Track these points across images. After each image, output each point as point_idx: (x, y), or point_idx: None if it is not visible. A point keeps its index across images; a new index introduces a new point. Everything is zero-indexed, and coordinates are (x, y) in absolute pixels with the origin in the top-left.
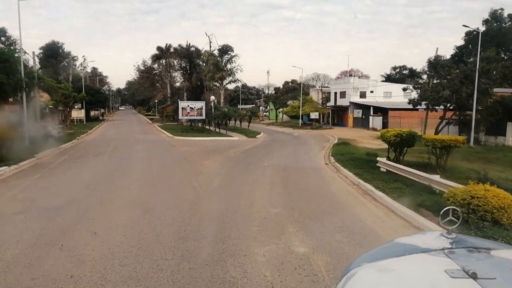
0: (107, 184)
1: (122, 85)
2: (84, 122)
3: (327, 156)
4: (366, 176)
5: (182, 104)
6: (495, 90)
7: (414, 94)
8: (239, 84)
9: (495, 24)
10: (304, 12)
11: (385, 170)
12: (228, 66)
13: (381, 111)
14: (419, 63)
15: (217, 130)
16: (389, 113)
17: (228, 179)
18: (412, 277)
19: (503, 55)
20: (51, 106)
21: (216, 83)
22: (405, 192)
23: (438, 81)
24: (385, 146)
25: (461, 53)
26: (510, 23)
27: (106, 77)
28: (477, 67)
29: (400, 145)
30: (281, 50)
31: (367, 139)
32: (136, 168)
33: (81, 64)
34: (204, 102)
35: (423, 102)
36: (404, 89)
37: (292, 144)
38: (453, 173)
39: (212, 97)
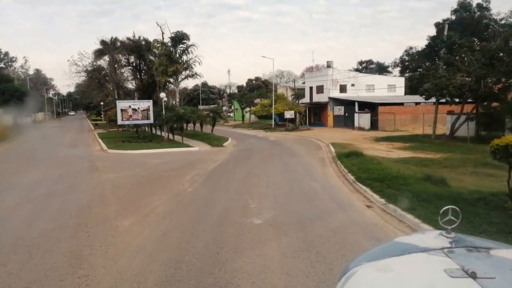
0: None
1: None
2: None
3: (346, 180)
4: None
5: (122, 104)
6: None
7: (400, 87)
8: (199, 82)
9: (464, 14)
10: (260, 13)
11: None
12: (184, 57)
13: (368, 107)
14: (380, 60)
15: (171, 137)
16: (379, 109)
17: None
18: (411, 277)
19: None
20: None
21: (170, 79)
22: None
23: (448, 67)
24: (407, 153)
25: (434, 44)
26: (479, 12)
27: (51, 79)
28: None
29: None
30: (240, 50)
31: (365, 143)
32: None
33: (21, 66)
34: (151, 101)
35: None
36: (412, 80)
37: (276, 156)
38: None
39: (162, 94)
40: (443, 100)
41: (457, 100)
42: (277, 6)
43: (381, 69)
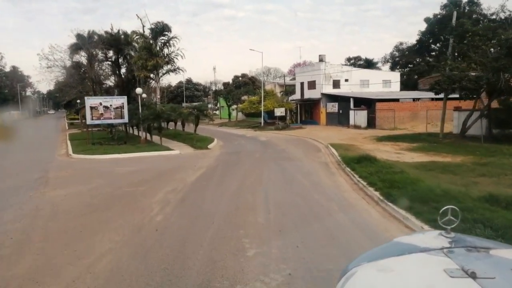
0: None
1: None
2: None
3: (368, 196)
4: None
5: (91, 101)
6: None
7: (395, 82)
8: (183, 79)
9: (454, 10)
10: (245, 11)
11: None
12: (165, 51)
13: (363, 103)
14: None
15: (149, 138)
16: (377, 106)
17: None
18: (411, 277)
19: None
20: None
21: (150, 74)
22: None
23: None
24: (421, 156)
25: (425, 39)
26: (468, 7)
27: (28, 76)
28: None
29: None
30: (226, 49)
31: (367, 143)
32: None
33: None
34: (125, 97)
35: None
36: (414, 73)
37: (270, 161)
38: None
39: (139, 90)
40: (455, 96)
41: (468, 94)
42: (262, 5)
43: (370, 65)
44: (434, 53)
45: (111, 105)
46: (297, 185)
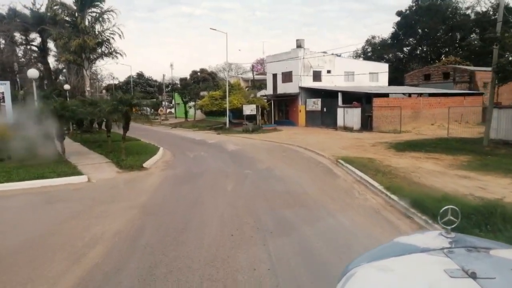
0: None
1: None
2: None
3: None
4: None
5: None
6: None
7: (383, 73)
8: (130, 71)
9: (429, 2)
10: (203, 8)
11: None
12: (97, 27)
13: (355, 99)
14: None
15: (58, 147)
16: (375, 102)
17: None
18: (412, 277)
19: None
20: None
21: (76, 58)
22: None
23: None
24: None
25: (402, 32)
26: (441, 1)
27: None
28: None
29: None
30: (183, 47)
31: (389, 156)
32: None
33: None
34: (7, 83)
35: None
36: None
37: (260, 206)
38: None
39: (32, 72)
40: (461, 91)
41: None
42: (219, 2)
43: None
44: (408, 48)
45: None
46: None
